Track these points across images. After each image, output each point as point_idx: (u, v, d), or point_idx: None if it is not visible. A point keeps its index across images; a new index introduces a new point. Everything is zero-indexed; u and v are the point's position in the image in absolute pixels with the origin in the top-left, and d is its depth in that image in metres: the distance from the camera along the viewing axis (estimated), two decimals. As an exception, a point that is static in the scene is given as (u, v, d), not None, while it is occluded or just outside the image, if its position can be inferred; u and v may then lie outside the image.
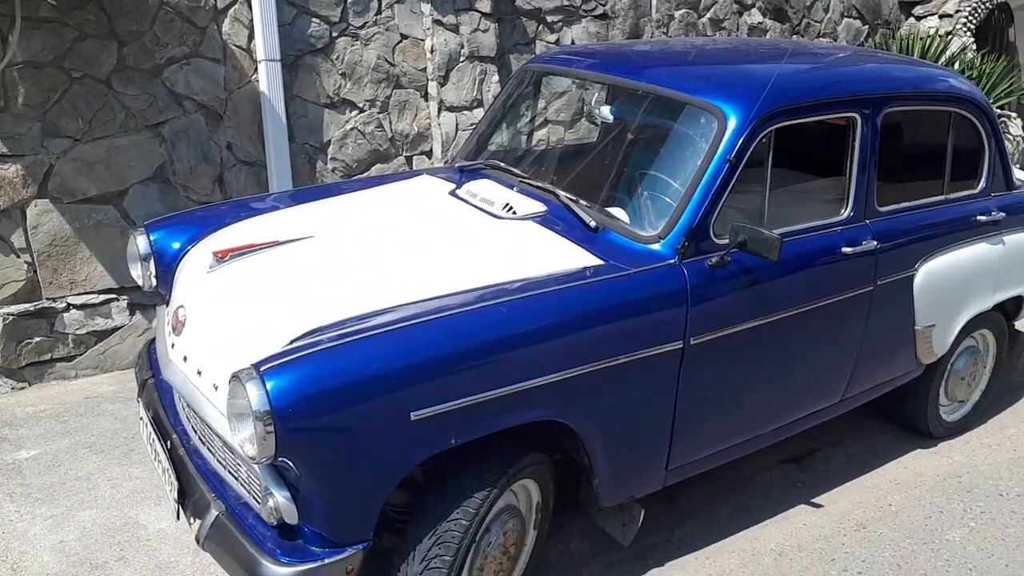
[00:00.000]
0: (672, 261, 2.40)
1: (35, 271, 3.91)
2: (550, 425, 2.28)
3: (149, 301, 4.19)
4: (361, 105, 4.70)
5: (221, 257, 2.40)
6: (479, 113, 5.02)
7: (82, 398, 3.81)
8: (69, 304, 4.00)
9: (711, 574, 2.70)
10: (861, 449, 3.49)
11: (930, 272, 3.06)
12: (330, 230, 2.57)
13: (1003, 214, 3.33)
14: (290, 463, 1.87)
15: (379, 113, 4.78)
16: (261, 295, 2.24)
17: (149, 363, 2.82)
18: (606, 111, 2.93)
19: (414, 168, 4.90)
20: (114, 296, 4.11)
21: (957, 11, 7.41)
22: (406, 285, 2.22)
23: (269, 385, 1.82)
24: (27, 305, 3.90)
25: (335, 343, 1.94)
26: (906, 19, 7.55)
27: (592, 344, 2.24)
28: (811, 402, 2.94)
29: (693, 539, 2.87)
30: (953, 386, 3.58)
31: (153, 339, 3.02)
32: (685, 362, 2.42)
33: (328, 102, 4.59)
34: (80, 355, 4.05)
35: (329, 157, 4.64)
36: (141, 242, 2.75)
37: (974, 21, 7.41)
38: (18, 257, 3.88)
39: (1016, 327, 3.81)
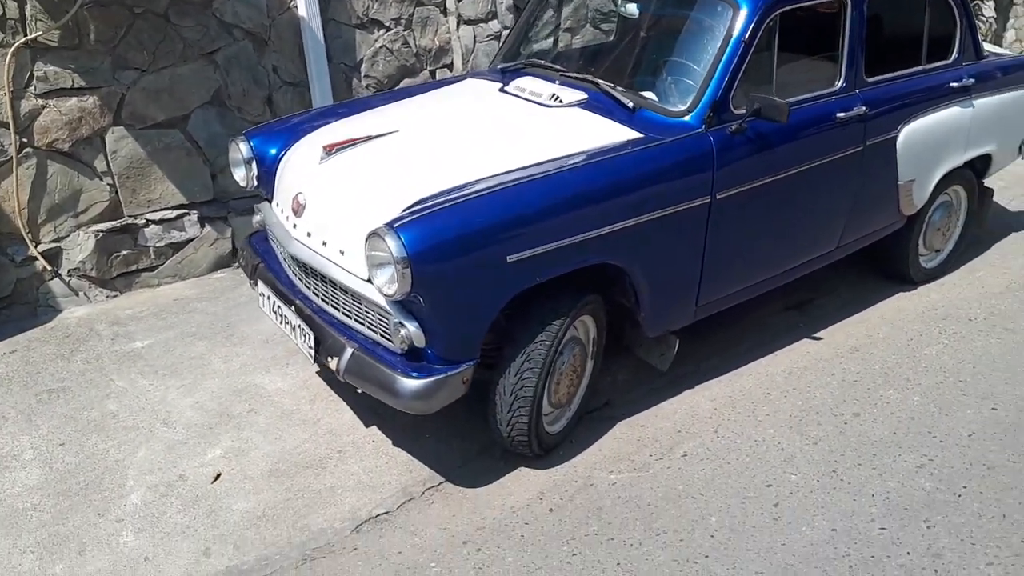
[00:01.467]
0: (700, 130, 2.91)
1: (116, 192, 4.38)
2: (606, 270, 2.83)
3: (216, 214, 4.68)
4: (388, 24, 5.09)
5: (329, 150, 2.89)
6: (495, 25, 5.41)
7: (171, 300, 4.33)
8: (148, 220, 4.48)
9: (734, 390, 3.30)
10: (852, 296, 4.06)
11: (910, 133, 3.59)
12: (411, 125, 3.06)
13: (973, 80, 3.83)
14: (420, 297, 2.41)
15: (404, 31, 5.17)
16: (370, 177, 2.75)
17: (254, 252, 3.34)
18: (632, 7, 3.39)
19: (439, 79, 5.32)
20: (185, 211, 4.58)
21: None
22: (485, 162, 2.72)
23: (403, 237, 2.34)
24: (113, 223, 4.38)
25: (446, 205, 2.47)
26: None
27: (638, 201, 2.76)
28: (813, 248, 3.51)
29: (717, 368, 3.45)
30: (931, 236, 4.15)
31: (252, 234, 3.55)
32: (712, 214, 2.96)
33: (359, 23, 4.98)
34: (161, 265, 4.55)
35: (362, 75, 5.06)
36: (244, 148, 3.24)
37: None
38: (101, 180, 4.33)
39: (984, 184, 4.37)
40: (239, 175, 3.32)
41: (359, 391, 3.24)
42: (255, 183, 3.28)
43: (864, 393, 3.24)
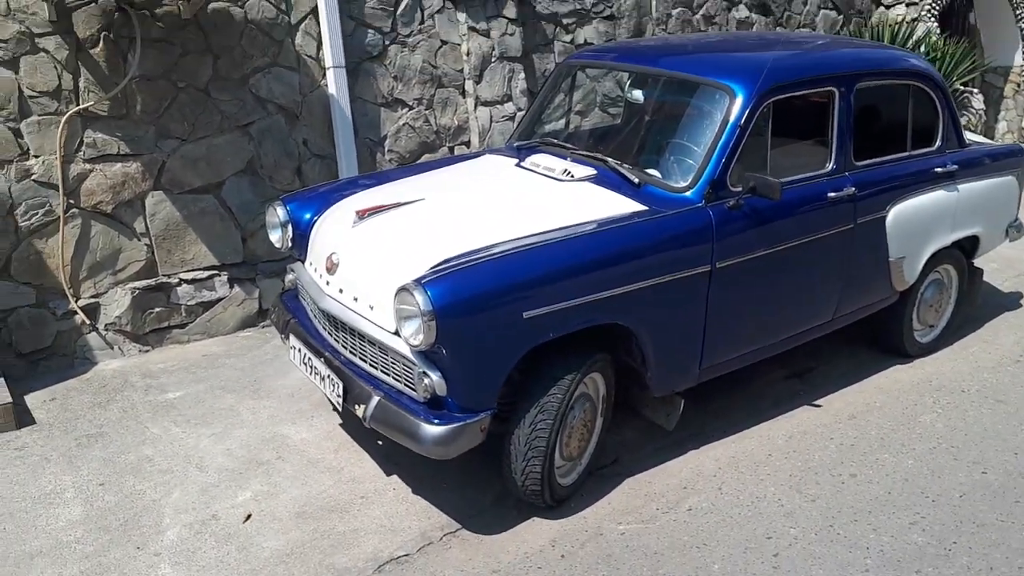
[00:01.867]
0: (700, 205, 3.17)
1: (153, 252, 4.66)
2: (615, 330, 3.04)
3: (245, 276, 4.94)
4: (410, 103, 5.46)
5: (362, 215, 3.16)
6: (510, 107, 5.78)
7: (200, 356, 4.55)
8: (181, 279, 4.75)
9: (737, 452, 3.47)
10: (851, 367, 4.25)
11: (898, 214, 3.85)
12: (435, 194, 3.34)
13: (956, 167, 4.12)
14: (443, 349, 2.63)
15: (425, 110, 5.54)
16: (399, 239, 3.01)
17: (286, 308, 3.58)
18: (638, 94, 3.71)
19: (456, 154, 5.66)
20: (216, 272, 4.85)
21: (923, -1, 8.20)
22: (504, 228, 2.98)
23: (430, 292, 2.58)
24: (148, 281, 4.64)
25: (469, 264, 2.71)
26: (876, 8, 8.35)
27: (644, 267, 3.01)
28: (810, 318, 3.73)
29: (720, 431, 3.63)
30: (924, 312, 4.37)
31: (283, 292, 3.80)
32: (713, 282, 3.19)
33: (383, 101, 5.35)
34: (191, 322, 4.79)
35: (386, 149, 5.40)
36: (281, 212, 3.52)
37: (938, 7, 8.20)
38: (139, 240, 4.62)
39: (974, 264, 4.61)
40: (275, 237, 3.59)
41: (380, 442, 3.45)
42: (289, 245, 3.55)
43: (861, 456, 3.40)
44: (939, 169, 4.04)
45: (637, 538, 2.88)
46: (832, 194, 3.54)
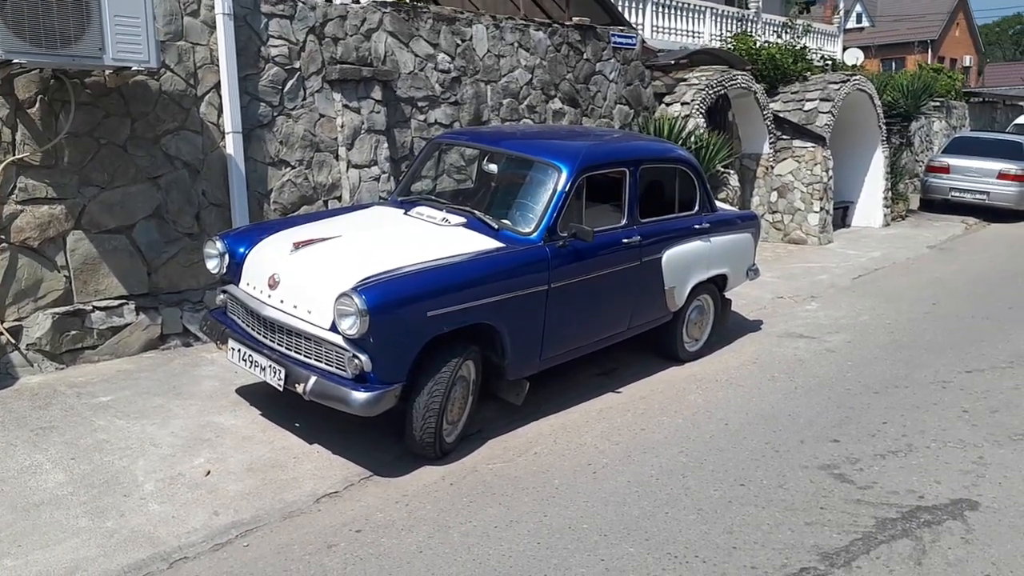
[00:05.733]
0: (540, 244, 4.55)
1: (71, 282, 5.36)
2: (483, 331, 4.31)
3: (149, 305, 5.73)
4: (293, 163, 6.53)
5: (297, 246, 4.25)
6: (375, 170, 7.00)
7: (115, 371, 5.28)
8: (95, 307, 5.47)
9: (565, 420, 4.81)
10: (641, 368, 5.77)
11: (669, 256, 5.46)
12: (349, 233, 4.49)
13: (709, 225, 5.85)
14: (371, 338, 3.77)
15: (305, 169, 6.62)
16: (329, 263, 4.12)
17: (218, 321, 4.55)
18: (493, 167, 5.09)
19: (330, 208, 6.77)
20: (125, 301, 5.61)
21: (692, 99, 10.40)
22: (407, 256, 4.18)
23: (364, 296, 3.73)
24: (67, 307, 5.34)
25: (387, 279, 3.89)
26: (659, 105, 10.46)
27: (504, 285, 4.32)
28: (612, 327, 5.21)
29: (552, 408, 4.95)
30: (691, 328, 6.02)
31: (212, 310, 4.74)
32: (549, 297, 4.57)
33: (271, 161, 6.39)
34: (101, 344, 5.49)
35: (272, 200, 6.42)
36: (219, 245, 4.51)
37: (704, 106, 10.43)
38: (59, 272, 5.32)
39: (725, 296, 6.37)
40: (212, 265, 4.55)
41: (297, 424, 4.47)
42: (224, 271, 4.53)
43: (648, 419, 4.87)
44: (697, 226, 5.74)
45: (501, 470, 4.12)
46: (625, 240, 5.08)
